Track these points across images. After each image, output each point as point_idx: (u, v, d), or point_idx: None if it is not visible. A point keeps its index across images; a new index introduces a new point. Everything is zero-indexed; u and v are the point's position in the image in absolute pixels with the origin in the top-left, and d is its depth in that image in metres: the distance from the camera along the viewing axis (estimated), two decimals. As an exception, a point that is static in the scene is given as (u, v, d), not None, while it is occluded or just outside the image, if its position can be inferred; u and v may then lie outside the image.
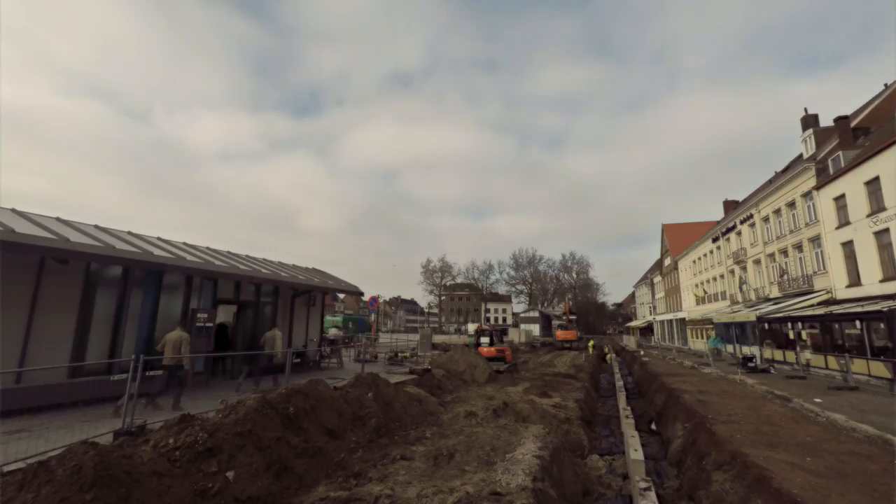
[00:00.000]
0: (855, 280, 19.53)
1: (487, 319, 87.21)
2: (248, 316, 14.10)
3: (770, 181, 31.08)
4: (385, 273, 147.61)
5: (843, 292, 20.22)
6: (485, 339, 23.22)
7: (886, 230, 17.37)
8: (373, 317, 29.68)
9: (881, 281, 17.67)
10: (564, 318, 52.02)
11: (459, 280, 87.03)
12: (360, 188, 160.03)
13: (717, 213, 43.18)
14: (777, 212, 27.06)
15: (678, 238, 50.81)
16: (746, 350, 24.56)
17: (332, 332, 26.70)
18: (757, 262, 30.01)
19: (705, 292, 40.10)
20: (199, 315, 11.31)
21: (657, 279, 61.90)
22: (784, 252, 26.20)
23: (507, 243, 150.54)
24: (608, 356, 35.49)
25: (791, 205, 25.31)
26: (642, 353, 35.20)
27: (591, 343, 44.70)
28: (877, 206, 18.01)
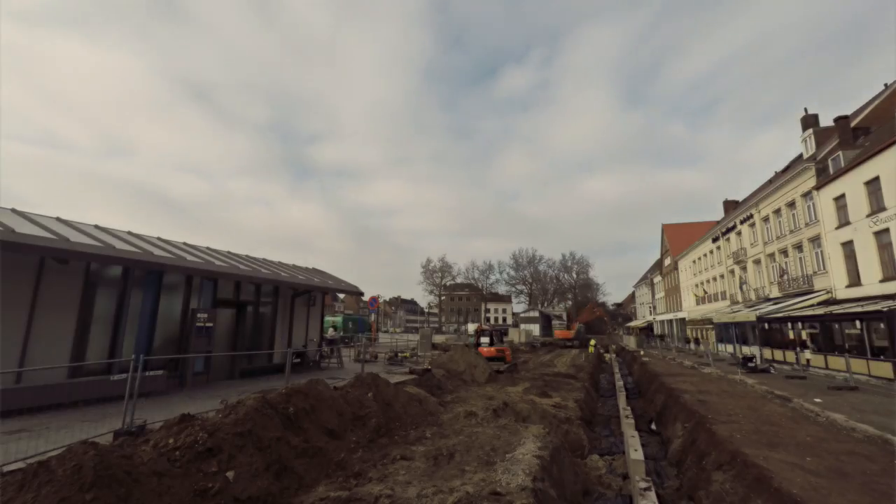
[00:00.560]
0: (855, 280, 19.53)
1: (487, 319, 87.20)
2: (248, 316, 14.11)
3: (770, 181, 31.10)
4: (384, 273, 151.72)
5: (843, 292, 20.22)
6: (485, 339, 23.21)
7: (886, 230, 17.37)
8: (373, 317, 29.70)
9: (881, 281, 17.67)
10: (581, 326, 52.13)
11: (459, 280, 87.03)
12: (362, 222, 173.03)
13: (718, 213, 43.23)
14: (777, 212, 27.06)
15: (678, 238, 50.83)
16: (746, 350, 24.57)
17: (330, 333, 26.73)
18: (757, 262, 30.01)
19: (705, 292, 40.10)
20: (199, 315, 11.31)
21: (657, 279, 61.90)
22: (784, 252, 26.20)
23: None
24: (608, 356, 36.35)
25: (791, 205, 25.31)
26: (642, 352, 35.20)
27: (591, 342, 44.81)
28: (877, 206, 18.01)
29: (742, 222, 32.23)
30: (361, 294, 20.27)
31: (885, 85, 23.68)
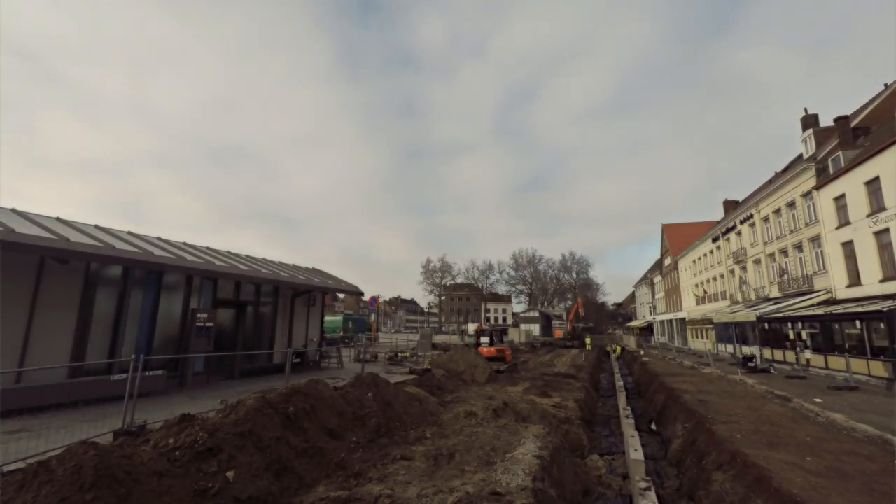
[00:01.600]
0: (855, 280, 19.53)
1: (487, 319, 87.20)
2: (248, 316, 14.11)
3: (770, 181, 31.09)
4: (385, 272, 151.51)
5: (843, 292, 20.22)
6: (485, 339, 23.21)
7: (886, 230, 17.37)
8: (373, 317, 29.70)
9: (881, 281, 17.67)
10: (575, 322, 52.28)
11: (459, 280, 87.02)
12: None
13: (718, 213, 43.22)
14: (777, 212, 27.06)
15: (678, 238, 50.81)
16: (746, 350, 24.56)
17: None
18: (757, 262, 30.00)
19: (705, 292, 40.10)
20: (199, 315, 11.32)
21: (657, 279, 61.90)
22: (784, 252, 26.20)
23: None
24: (609, 349, 38.98)
25: (791, 205, 25.31)
26: (642, 352, 35.21)
27: (588, 340, 45.05)
28: (877, 205, 18.00)
29: (742, 222, 32.23)
30: (361, 294, 20.28)
31: (885, 85, 23.69)
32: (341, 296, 71.61)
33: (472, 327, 49.26)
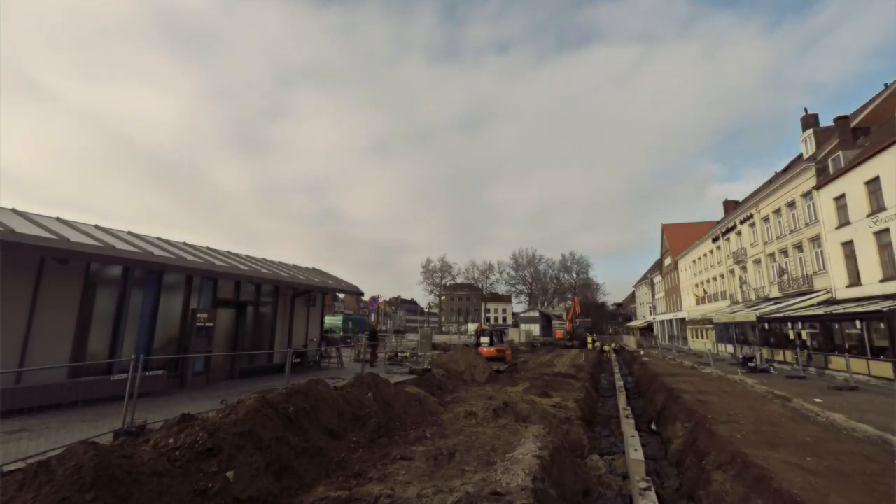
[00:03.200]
0: (855, 280, 19.53)
1: (487, 319, 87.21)
2: (248, 316, 14.11)
3: (770, 181, 31.09)
4: (385, 272, 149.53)
5: (843, 292, 20.22)
6: (485, 339, 23.21)
7: (886, 230, 17.37)
8: (373, 317, 29.70)
9: (881, 281, 17.67)
10: (576, 320, 52.39)
11: (459, 280, 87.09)
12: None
13: (718, 213, 43.24)
14: (777, 212, 27.06)
15: (678, 238, 50.83)
16: (746, 350, 24.56)
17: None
18: (757, 261, 30.01)
19: (705, 292, 40.10)
20: (199, 315, 11.32)
21: (657, 279, 61.90)
22: (784, 252, 26.20)
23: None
24: (607, 348, 40.07)
25: (791, 205, 25.32)
26: (642, 352, 35.22)
27: (590, 339, 45.31)
28: (877, 205, 18.01)
29: (742, 222, 32.23)
30: (361, 294, 20.27)
31: (886, 85, 23.69)
32: (341, 296, 71.58)
33: (472, 327, 49.29)
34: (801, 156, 28.16)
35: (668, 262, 54.72)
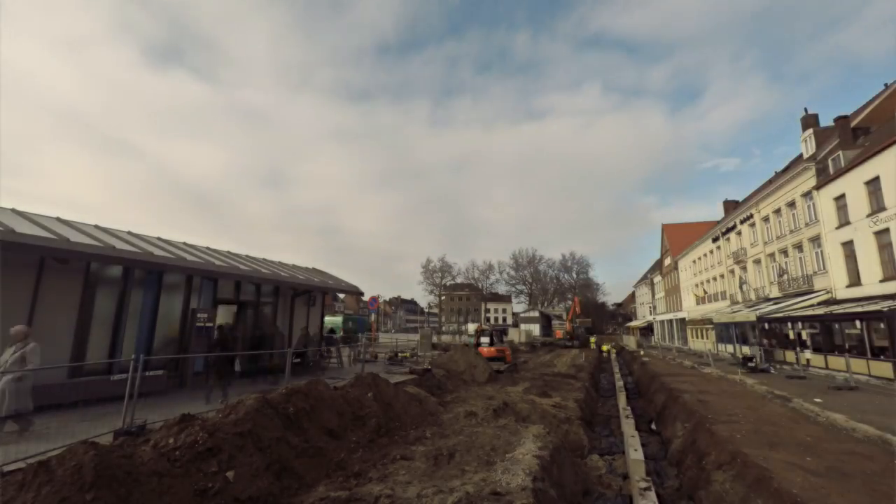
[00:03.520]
0: (855, 280, 19.53)
1: (487, 319, 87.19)
2: (248, 315, 14.11)
3: (770, 181, 31.08)
4: (384, 272, 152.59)
5: (843, 292, 20.22)
6: (485, 339, 23.21)
7: (886, 230, 17.37)
8: (373, 317, 29.70)
9: (881, 281, 17.67)
10: (576, 320, 52.42)
11: (459, 280, 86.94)
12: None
13: (717, 213, 43.24)
14: (777, 212, 27.06)
15: (678, 238, 50.82)
16: (746, 350, 24.56)
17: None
18: (757, 261, 30.01)
19: (705, 292, 40.10)
20: (199, 315, 11.31)
21: (657, 279, 61.90)
22: (784, 252, 26.20)
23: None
24: (606, 350, 40.16)
25: (791, 205, 25.31)
26: (642, 352, 35.22)
27: (592, 339, 45.39)
28: (877, 205, 18.01)
29: (742, 222, 32.23)
30: (361, 294, 20.27)
31: (886, 85, 23.69)
32: (341, 296, 71.59)
33: (472, 327, 49.29)
34: (801, 156, 28.15)
35: (668, 262, 54.72)
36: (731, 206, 38.18)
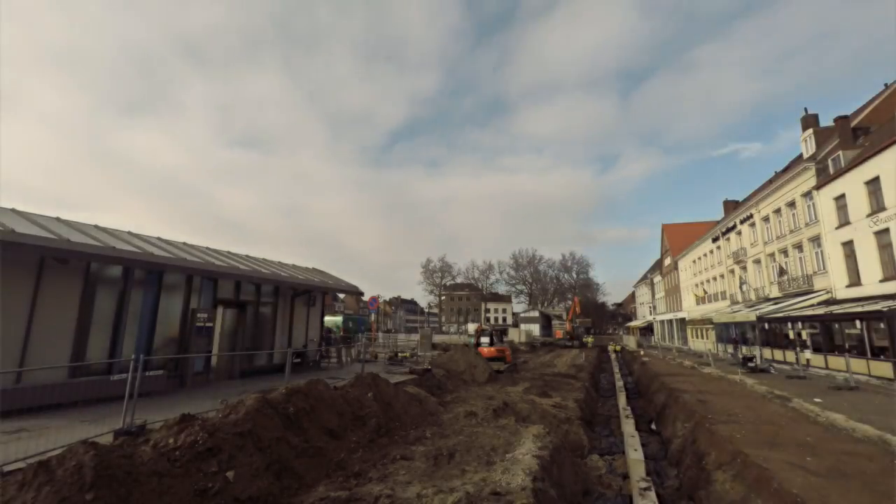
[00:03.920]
0: (855, 280, 19.52)
1: (487, 319, 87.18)
2: (248, 315, 14.12)
3: (770, 181, 31.07)
4: (384, 272, 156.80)
5: (843, 292, 20.22)
6: (485, 339, 23.20)
7: (886, 230, 17.37)
8: (373, 317, 29.70)
9: (881, 281, 17.67)
10: (576, 320, 52.45)
11: (459, 280, 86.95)
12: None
13: (717, 213, 43.23)
14: (777, 211, 27.06)
15: (678, 238, 50.81)
16: (746, 350, 24.56)
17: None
18: (757, 261, 30.01)
19: (705, 292, 40.10)
20: (199, 315, 11.31)
21: (657, 279, 61.90)
22: (784, 252, 26.20)
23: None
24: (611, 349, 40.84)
25: (791, 204, 25.31)
26: (642, 352, 35.22)
27: (590, 339, 45.40)
28: (877, 205, 18.00)
29: (742, 222, 32.23)
30: (361, 294, 20.28)
31: (886, 85, 23.70)
32: (341, 296, 71.60)
33: (471, 327, 49.29)
34: (801, 156, 28.15)
35: (668, 262, 54.72)
36: (730, 206, 38.16)
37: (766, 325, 24.05)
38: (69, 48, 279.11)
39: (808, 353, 20.04)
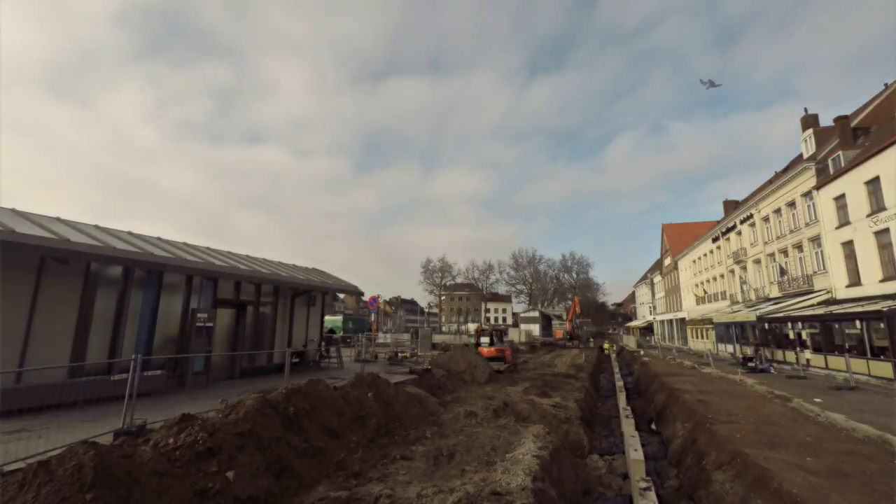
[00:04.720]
0: (855, 280, 19.53)
1: (487, 319, 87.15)
2: (248, 315, 14.11)
3: (770, 181, 31.08)
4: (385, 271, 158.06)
5: (843, 292, 20.22)
6: (485, 339, 23.19)
7: (886, 230, 17.37)
8: (373, 317, 29.73)
9: (881, 281, 17.67)
10: (576, 320, 52.46)
11: (459, 280, 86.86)
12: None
13: (717, 213, 43.24)
14: (777, 211, 27.06)
15: (678, 238, 50.83)
16: (746, 350, 24.57)
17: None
18: (757, 261, 30.01)
19: (705, 292, 40.10)
20: (199, 315, 11.30)
21: (657, 279, 61.90)
22: (784, 252, 26.20)
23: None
24: (606, 346, 40.71)
25: (791, 204, 25.31)
26: (642, 352, 35.22)
27: (590, 339, 45.43)
28: (877, 205, 18.01)
29: (742, 222, 32.23)
30: (361, 294, 20.29)
31: (886, 85, 23.71)
32: (341, 296, 71.61)
33: (472, 327, 49.32)
34: (801, 156, 28.16)
35: (668, 262, 54.72)
36: (730, 206, 38.16)
37: (766, 325, 24.05)
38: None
39: (808, 353, 20.05)
